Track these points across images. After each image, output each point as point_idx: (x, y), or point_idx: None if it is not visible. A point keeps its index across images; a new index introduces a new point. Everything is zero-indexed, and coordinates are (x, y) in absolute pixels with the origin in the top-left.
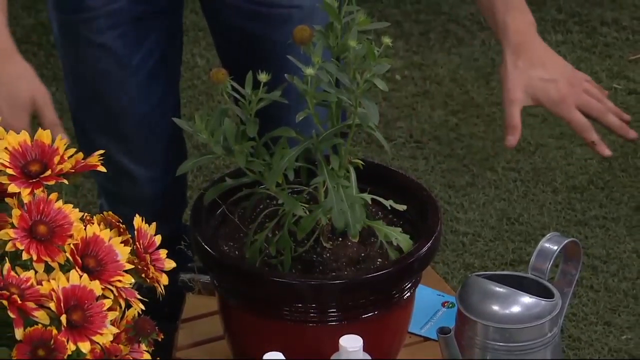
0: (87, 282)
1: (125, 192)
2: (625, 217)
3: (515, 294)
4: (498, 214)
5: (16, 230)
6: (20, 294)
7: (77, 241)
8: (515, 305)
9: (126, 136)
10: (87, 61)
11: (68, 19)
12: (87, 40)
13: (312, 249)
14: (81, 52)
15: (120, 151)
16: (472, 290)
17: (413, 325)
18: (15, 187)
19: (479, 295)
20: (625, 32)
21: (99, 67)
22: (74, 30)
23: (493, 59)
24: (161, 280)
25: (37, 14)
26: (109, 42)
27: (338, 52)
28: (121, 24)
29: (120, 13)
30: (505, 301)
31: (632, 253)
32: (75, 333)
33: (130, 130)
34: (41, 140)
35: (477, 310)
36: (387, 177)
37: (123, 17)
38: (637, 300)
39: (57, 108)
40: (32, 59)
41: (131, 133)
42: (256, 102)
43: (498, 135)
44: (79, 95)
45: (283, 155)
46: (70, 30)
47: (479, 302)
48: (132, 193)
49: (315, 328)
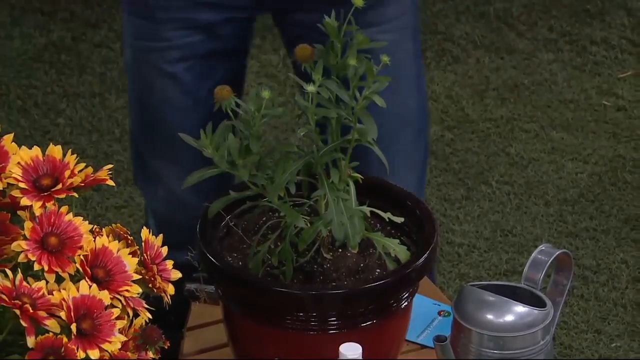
0: (96, 292)
1: (177, 217)
2: (614, 229)
3: (509, 303)
4: (492, 226)
5: (28, 242)
6: (32, 304)
7: (86, 252)
8: (509, 314)
9: (184, 164)
10: (155, 88)
11: (142, 47)
12: (158, 68)
13: (313, 260)
14: (150, 80)
15: (176, 177)
16: (468, 299)
17: (410, 333)
18: (27, 201)
19: (474, 304)
20: (614, 51)
21: (166, 95)
22: (147, 58)
23: (487, 77)
24: (167, 290)
25: (49, 33)
26: (179, 73)
27: (338, 70)
28: (192, 57)
29: (193, 47)
30: (500, 310)
31: (621, 264)
32: (84, 341)
33: (189, 159)
34: (52, 155)
35: (473, 319)
36: (385, 190)
37: (195, 51)
38: (626, 309)
39: (68, 124)
40: (43, 77)
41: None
42: (259, 118)
43: (492, 150)
44: (141, 120)
45: (285, 169)
46: (143, 58)
47: (474, 311)
48: (184, 219)
49: (316, 336)
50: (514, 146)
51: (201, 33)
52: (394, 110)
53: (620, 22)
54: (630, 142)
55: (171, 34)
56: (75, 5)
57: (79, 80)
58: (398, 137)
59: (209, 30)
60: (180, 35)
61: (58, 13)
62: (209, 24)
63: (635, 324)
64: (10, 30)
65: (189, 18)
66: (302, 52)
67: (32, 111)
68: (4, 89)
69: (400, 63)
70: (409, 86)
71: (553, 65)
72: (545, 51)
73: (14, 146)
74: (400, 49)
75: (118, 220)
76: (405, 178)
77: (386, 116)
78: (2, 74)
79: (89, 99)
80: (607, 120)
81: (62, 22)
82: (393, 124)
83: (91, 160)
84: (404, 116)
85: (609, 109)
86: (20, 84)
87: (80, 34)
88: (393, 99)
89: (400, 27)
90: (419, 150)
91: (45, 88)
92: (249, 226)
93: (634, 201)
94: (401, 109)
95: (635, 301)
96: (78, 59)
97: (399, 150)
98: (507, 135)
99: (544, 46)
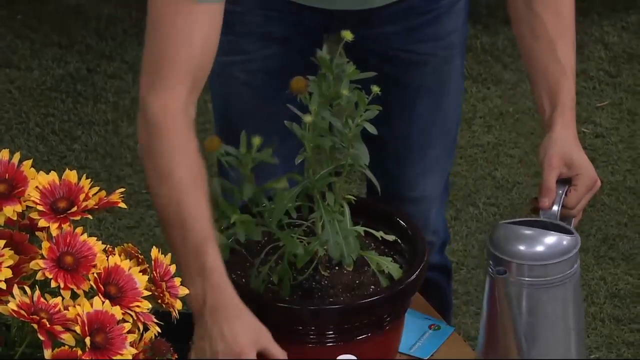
0: (109, 308)
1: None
2: (593, 248)
3: (541, 233)
4: (480, 245)
5: (45, 261)
6: (49, 318)
7: (100, 270)
8: (543, 244)
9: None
10: (237, 99)
11: (223, 61)
12: (238, 80)
13: (311, 277)
14: (232, 91)
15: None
16: (502, 235)
17: (403, 346)
18: (44, 222)
19: (510, 239)
20: (592, 82)
21: (246, 105)
22: (228, 70)
23: (474, 105)
24: (176, 306)
25: (66, 65)
26: (259, 84)
27: (331, 99)
28: (271, 69)
29: (272, 59)
30: (534, 241)
31: (599, 280)
32: (98, 354)
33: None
34: (68, 179)
35: (511, 252)
36: (378, 211)
37: (274, 63)
38: (604, 323)
39: (83, 150)
40: (60, 106)
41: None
42: (250, 160)
43: (479, 174)
44: (223, 129)
45: (283, 197)
46: (224, 70)
47: (511, 244)
48: None
49: (314, 349)
50: (499, 170)
51: (277, 45)
52: (438, 119)
53: (598, 55)
54: (607, 166)
55: (250, 46)
56: (90, 38)
57: (93, 109)
58: (436, 144)
59: (283, 44)
60: (259, 47)
61: (74, 46)
62: (284, 38)
63: (613, 337)
64: (29, 62)
65: (266, 32)
66: (297, 84)
67: (50, 138)
68: (23, 117)
69: (448, 77)
70: (453, 99)
71: None
72: (528, 82)
73: (33, 171)
74: (449, 63)
75: (130, 240)
76: (434, 182)
77: (430, 124)
78: (22, 103)
79: (102, 126)
80: (586, 146)
81: (78, 55)
82: (434, 131)
83: (104, 184)
84: (444, 125)
85: (588, 135)
86: (39, 112)
87: (95, 66)
88: (438, 109)
89: (451, 44)
90: (449, 159)
91: (62, 116)
92: (252, 246)
93: (611, 222)
94: (443, 119)
95: (613, 315)
96: (93, 89)
97: (434, 156)
98: (493, 160)
99: (527, 77)
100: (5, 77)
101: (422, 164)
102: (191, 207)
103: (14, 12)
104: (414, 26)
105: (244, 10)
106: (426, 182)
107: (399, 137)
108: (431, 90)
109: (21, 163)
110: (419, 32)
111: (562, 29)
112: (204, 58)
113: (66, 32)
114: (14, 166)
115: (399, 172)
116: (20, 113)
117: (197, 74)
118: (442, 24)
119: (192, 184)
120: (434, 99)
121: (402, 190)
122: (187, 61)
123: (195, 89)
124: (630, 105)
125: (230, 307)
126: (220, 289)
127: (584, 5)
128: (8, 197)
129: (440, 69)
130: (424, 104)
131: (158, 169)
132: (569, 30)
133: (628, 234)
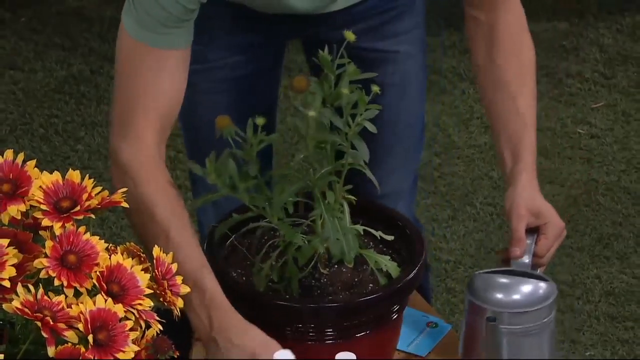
0: (112, 306)
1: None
2: (588, 247)
3: (519, 281)
4: (477, 244)
5: (49, 260)
6: (52, 316)
7: (102, 269)
8: (521, 292)
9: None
10: (201, 108)
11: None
12: (201, 89)
13: (310, 275)
14: (198, 99)
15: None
16: (480, 284)
17: (401, 343)
18: (48, 221)
19: (487, 287)
20: (588, 84)
21: (210, 113)
22: (193, 79)
23: (472, 107)
24: (177, 304)
25: (69, 67)
26: (223, 92)
27: (332, 99)
28: (235, 76)
29: (236, 67)
30: (511, 289)
31: (594, 279)
32: (101, 351)
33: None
34: (71, 179)
35: (490, 300)
36: (377, 210)
37: (238, 70)
38: (599, 321)
39: (86, 150)
40: (64, 107)
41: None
42: (257, 144)
43: (476, 174)
44: (191, 139)
45: (283, 191)
46: (190, 80)
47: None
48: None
49: (313, 346)
50: (496, 170)
51: (241, 53)
52: (402, 113)
53: (594, 57)
54: (602, 167)
55: (215, 55)
56: (93, 41)
57: (96, 110)
58: (402, 138)
59: (247, 52)
60: (223, 56)
61: (78, 48)
62: (247, 46)
63: (608, 335)
64: (33, 65)
65: (230, 41)
66: (299, 83)
67: (54, 138)
68: (27, 118)
69: (410, 72)
70: (416, 94)
71: None
72: None
73: (37, 171)
74: (412, 59)
75: (132, 239)
76: (403, 177)
77: (394, 119)
78: (26, 104)
79: (105, 127)
80: (582, 147)
81: (82, 57)
82: (400, 125)
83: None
84: (409, 120)
85: (583, 136)
86: (43, 113)
87: (98, 67)
88: (402, 104)
89: (413, 40)
90: (417, 153)
91: (65, 117)
92: (252, 244)
93: (606, 221)
94: (407, 113)
95: (608, 313)
96: (96, 91)
97: (402, 149)
98: (490, 160)
99: None
100: (9, 78)
101: (390, 159)
102: (179, 238)
103: (18, 15)
104: (374, 25)
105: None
106: (395, 177)
107: (366, 133)
108: (394, 85)
109: (25, 163)
110: (380, 31)
111: (523, 81)
112: (173, 102)
113: (69, 34)
114: (17, 166)
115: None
116: (24, 114)
117: (166, 119)
118: (403, 21)
119: (174, 217)
120: (397, 94)
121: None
122: (156, 109)
123: (165, 130)
124: (624, 107)
125: (238, 326)
126: (224, 311)
127: (579, 8)
128: (12, 196)
129: (403, 65)
130: (388, 100)
131: (140, 212)
132: (531, 80)
133: (623, 233)
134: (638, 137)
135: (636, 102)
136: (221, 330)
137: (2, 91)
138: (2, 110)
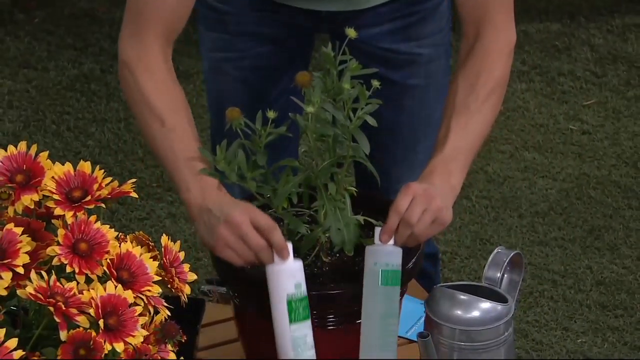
0: (121, 292)
1: None
2: (580, 239)
3: (476, 300)
4: (472, 236)
5: (61, 247)
6: (64, 302)
7: (112, 257)
8: (477, 310)
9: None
10: (230, 93)
11: (218, 57)
12: (231, 76)
13: (313, 263)
14: (226, 86)
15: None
16: (439, 298)
17: (400, 329)
18: (60, 210)
19: (446, 302)
20: (579, 82)
21: (238, 99)
22: (222, 66)
23: None
24: (184, 291)
25: (80, 65)
26: (251, 79)
27: (334, 93)
28: (263, 66)
29: (264, 57)
30: (468, 307)
31: (586, 269)
32: (111, 335)
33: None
34: (82, 170)
35: (444, 316)
36: (377, 202)
37: (266, 61)
38: (590, 309)
39: (97, 145)
40: (75, 104)
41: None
42: (265, 136)
43: (472, 169)
44: (218, 122)
45: (287, 182)
46: (219, 67)
47: (445, 308)
48: None
49: (316, 332)
50: (491, 165)
51: (269, 44)
52: (424, 113)
53: (585, 56)
54: (593, 161)
55: (244, 45)
56: (103, 41)
57: (106, 107)
58: (424, 137)
59: (276, 43)
60: (251, 46)
61: (89, 48)
62: (276, 37)
63: (599, 322)
64: (46, 64)
65: (258, 32)
66: (302, 78)
67: (65, 134)
68: (40, 115)
69: (433, 74)
70: (437, 95)
71: (526, 94)
72: (518, 82)
73: (49, 162)
74: (434, 62)
75: (141, 231)
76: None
77: (416, 118)
78: (39, 101)
79: (115, 124)
80: (574, 143)
81: (92, 56)
82: (422, 124)
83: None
84: (429, 119)
85: (575, 132)
86: (55, 110)
87: (108, 66)
88: (424, 104)
89: (436, 43)
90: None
91: (77, 114)
92: None
93: (597, 214)
94: (429, 113)
95: (599, 302)
96: (106, 88)
97: (423, 148)
98: (485, 155)
99: (517, 77)
100: (23, 77)
101: (411, 157)
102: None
103: (32, 16)
104: (399, 27)
105: (237, 12)
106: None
107: (387, 131)
108: (416, 86)
109: (38, 155)
110: (404, 33)
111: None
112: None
113: (81, 35)
114: (31, 157)
115: (387, 166)
116: (38, 111)
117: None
118: (426, 25)
119: (170, 106)
120: (419, 95)
121: (391, 183)
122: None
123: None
124: (615, 104)
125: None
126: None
127: (571, 9)
128: (26, 186)
129: (425, 67)
130: (410, 100)
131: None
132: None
133: (613, 225)
134: (628, 134)
135: (626, 99)
136: (214, 203)
137: (16, 89)
138: (16, 107)
